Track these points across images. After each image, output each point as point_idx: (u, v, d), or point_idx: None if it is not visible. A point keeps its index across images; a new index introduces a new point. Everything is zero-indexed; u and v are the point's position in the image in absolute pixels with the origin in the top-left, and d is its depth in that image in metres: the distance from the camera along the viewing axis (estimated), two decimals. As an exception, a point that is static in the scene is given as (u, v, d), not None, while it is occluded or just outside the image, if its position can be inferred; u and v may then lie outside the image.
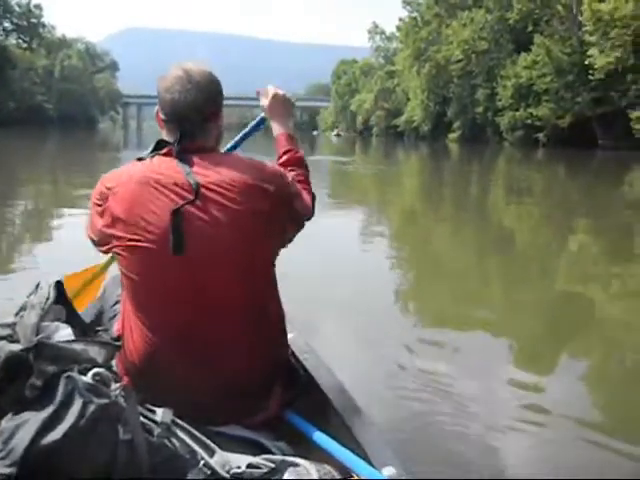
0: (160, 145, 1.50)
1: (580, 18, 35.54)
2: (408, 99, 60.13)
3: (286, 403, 1.57)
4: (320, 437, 1.42)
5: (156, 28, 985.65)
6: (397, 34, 67.32)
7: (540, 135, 38.85)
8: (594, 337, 4.05)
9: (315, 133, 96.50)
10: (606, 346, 3.84)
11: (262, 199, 1.44)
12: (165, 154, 1.47)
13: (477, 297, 4.88)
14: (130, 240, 1.41)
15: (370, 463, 1.28)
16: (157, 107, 1.53)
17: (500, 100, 42.77)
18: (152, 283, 1.43)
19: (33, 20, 71.01)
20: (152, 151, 1.51)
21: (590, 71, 33.18)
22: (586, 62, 33.44)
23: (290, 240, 1.60)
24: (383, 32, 76.97)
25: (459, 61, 47.97)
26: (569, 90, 36.59)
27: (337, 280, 4.81)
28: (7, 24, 69.70)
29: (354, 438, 1.40)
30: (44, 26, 73.81)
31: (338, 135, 78.98)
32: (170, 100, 1.48)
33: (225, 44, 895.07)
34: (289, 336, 1.67)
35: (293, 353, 1.71)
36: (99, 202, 1.47)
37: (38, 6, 70.64)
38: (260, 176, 1.47)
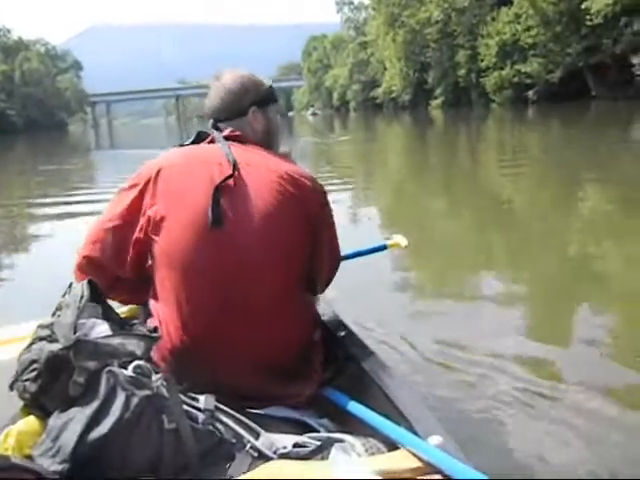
0: (200, 135, 1.63)
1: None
2: (385, 69, 58.19)
3: (326, 381, 1.57)
4: (363, 411, 1.37)
5: (120, 25, 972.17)
6: (366, 2, 65.55)
7: (530, 93, 36.81)
8: (609, 301, 3.76)
9: (290, 114, 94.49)
10: (622, 311, 3.58)
11: (294, 190, 1.49)
12: (208, 142, 1.59)
13: (484, 264, 4.75)
14: (172, 214, 1.44)
15: (415, 433, 1.22)
16: None
17: (483, 60, 40.62)
18: (190, 259, 1.42)
19: (-16, 24, 67.98)
20: (194, 140, 1.63)
21: (587, 17, 30.92)
22: (582, 6, 31.22)
23: (324, 277, 1.68)
24: (352, 2, 74.65)
25: (436, 22, 45.93)
26: (558, 42, 34.40)
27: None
28: (-45, 30, 66.54)
29: (397, 409, 1.34)
30: (-2, 30, 70.89)
31: (314, 114, 77.49)
32: (206, 103, 1.68)
33: (192, 35, 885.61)
34: (324, 314, 1.77)
35: (329, 331, 1.71)
36: (138, 183, 1.51)
37: (-12, 9, 67.63)
38: (297, 172, 1.53)
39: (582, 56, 33.32)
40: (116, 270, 1.56)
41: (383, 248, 2.75)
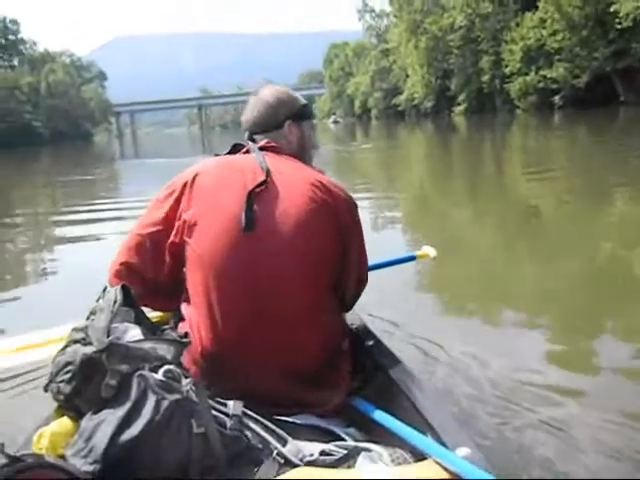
0: (236, 147, 1.70)
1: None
2: (407, 76, 57.88)
3: (354, 390, 1.57)
4: (390, 421, 1.36)
5: (143, 35, 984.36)
6: (388, 10, 65.45)
7: (556, 98, 36.09)
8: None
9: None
10: None
11: (327, 199, 1.50)
12: (243, 152, 1.66)
13: (512, 275, 4.61)
14: (206, 218, 1.47)
15: (443, 444, 1.22)
16: None
17: (507, 66, 39.98)
18: (222, 263, 1.43)
19: (11, 37, 69.07)
20: (230, 151, 1.70)
21: (616, 20, 30.20)
22: (611, 10, 30.56)
23: (350, 294, 1.68)
24: (373, 10, 74.56)
25: (460, 28, 45.51)
26: (585, 46, 33.67)
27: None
28: (-17, 44, 67.79)
29: (425, 420, 1.34)
30: (24, 42, 71.98)
31: (336, 122, 77.17)
32: (243, 116, 1.76)
33: (214, 43, 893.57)
34: (353, 323, 1.80)
35: (357, 340, 1.71)
36: (174, 190, 1.55)
37: (14, 21, 68.83)
38: (330, 183, 1.56)
39: (610, 60, 32.60)
40: (153, 275, 1.58)
41: (412, 259, 2.79)
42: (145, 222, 1.60)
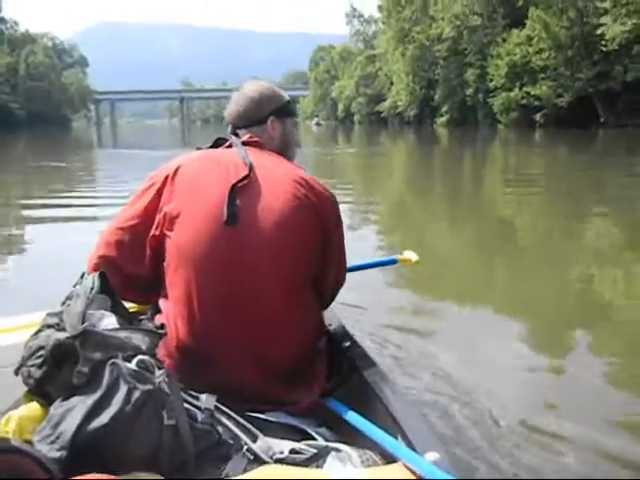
0: (218, 141, 1.68)
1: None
2: (391, 83, 58.16)
3: (328, 390, 1.56)
4: (362, 423, 1.36)
5: (127, 22, 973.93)
6: (376, 16, 65.86)
7: (537, 116, 36.46)
8: (609, 333, 3.65)
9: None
10: (620, 342, 3.46)
11: (309, 195, 1.50)
12: (226, 147, 1.63)
13: (484, 287, 4.66)
14: (187, 210, 1.45)
15: (413, 448, 1.22)
16: None
17: (492, 80, 40.30)
18: (201, 256, 1.42)
19: (-9, 15, 67.79)
20: (212, 145, 1.68)
21: (601, 42, 30.56)
22: (598, 32, 30.91)
23: (329, 293, 1.69)
24: (361, 15, 74.87)
25: (447, 39, 45.79)
26: (569, 66, 34.13)
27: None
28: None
29: (396, 424, 1.34)
30: (5, 21, 70.62)
31: (318, 124, 77.40)
32: (227, 110, 1.74)
33: (199, 36, 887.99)
34: (331, 324, 1.78)
35: (334, 340, 1.71)
36: (155, 182, 1.54)
37: (-4, 0, 67.44)
38: (313, 179, 1.55)
39: (592, 82, 33.09)
40: (132, 269, 1.56)
41: (393, 262, 2.78)
42: (125, 215, 1.58)
